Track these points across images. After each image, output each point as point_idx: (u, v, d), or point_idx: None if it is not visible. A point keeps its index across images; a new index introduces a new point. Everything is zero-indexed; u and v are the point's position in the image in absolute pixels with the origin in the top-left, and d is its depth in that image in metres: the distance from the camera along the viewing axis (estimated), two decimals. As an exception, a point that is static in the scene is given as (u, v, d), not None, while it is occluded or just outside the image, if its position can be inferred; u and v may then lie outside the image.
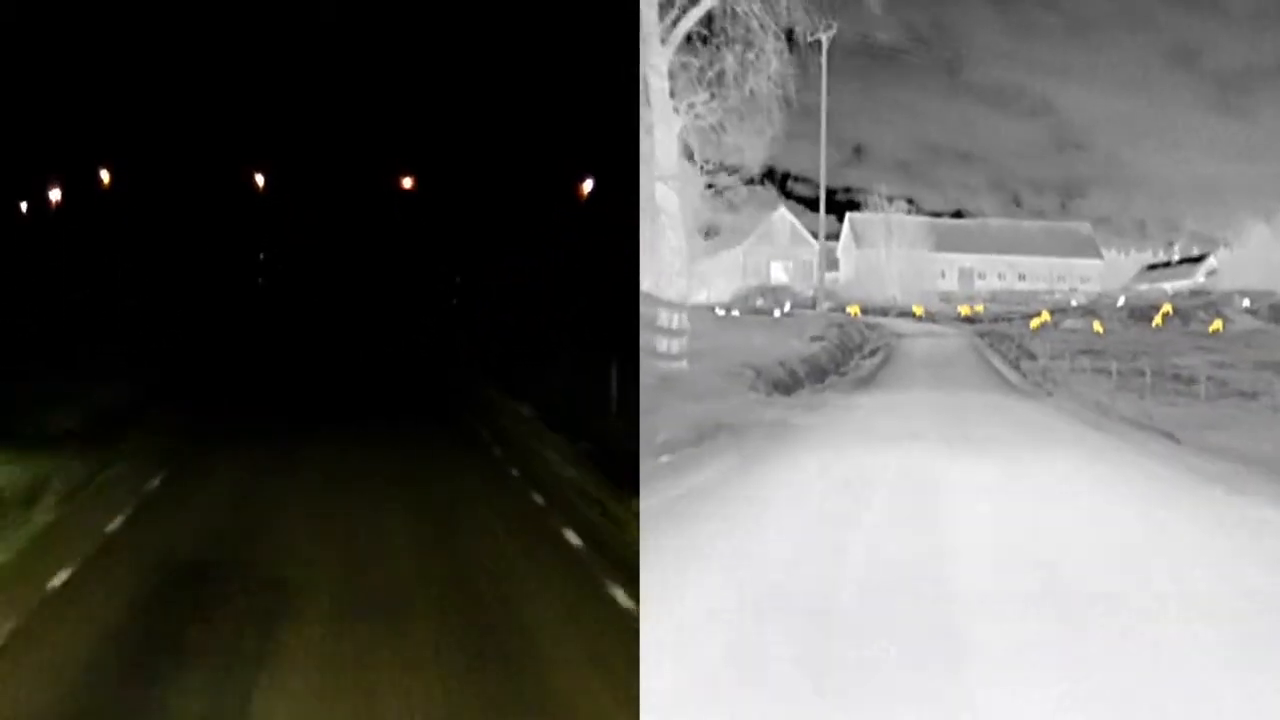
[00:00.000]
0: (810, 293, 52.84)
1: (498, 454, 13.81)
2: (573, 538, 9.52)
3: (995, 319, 40.89)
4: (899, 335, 33.52)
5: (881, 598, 6.65)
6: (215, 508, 10.61)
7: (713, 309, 46.39)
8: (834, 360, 23.48)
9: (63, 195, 33.14)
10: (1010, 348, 28.63)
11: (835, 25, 26.56)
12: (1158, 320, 33.03)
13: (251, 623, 7.05)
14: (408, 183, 35.60)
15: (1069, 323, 32.73)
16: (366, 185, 35.30)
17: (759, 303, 46.36)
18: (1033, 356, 25.36)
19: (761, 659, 5.61)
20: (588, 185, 29.06)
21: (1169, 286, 53.19)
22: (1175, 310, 34.79)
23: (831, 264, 64.30)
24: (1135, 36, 59.39)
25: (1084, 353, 24.84)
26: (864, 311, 43.30)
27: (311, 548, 9.07)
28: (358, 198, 35.39)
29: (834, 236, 68.45)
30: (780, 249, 60.44)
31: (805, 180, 64.96)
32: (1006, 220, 68.52)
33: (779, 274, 59.47)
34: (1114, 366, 21.08)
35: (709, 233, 66.72)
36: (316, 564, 8.51)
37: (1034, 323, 34.06)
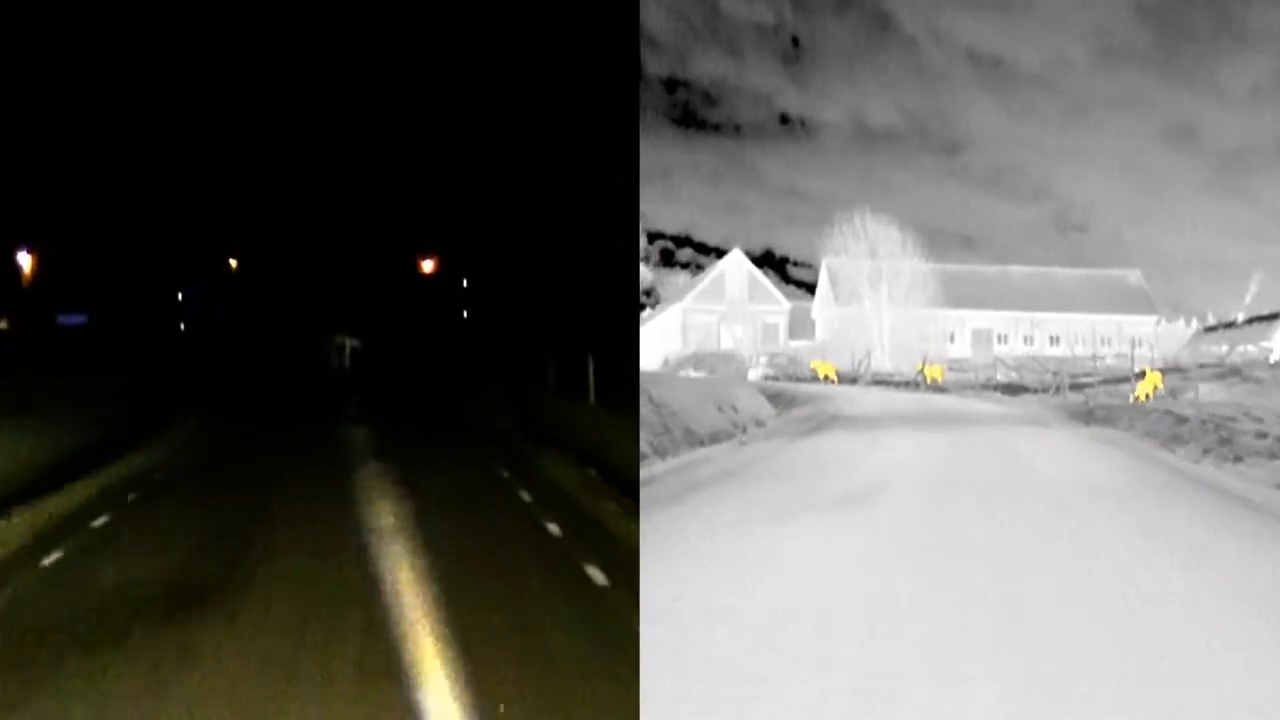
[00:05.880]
0: (763, 359, 38.43)
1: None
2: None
3: (1070, 385, 25.69)
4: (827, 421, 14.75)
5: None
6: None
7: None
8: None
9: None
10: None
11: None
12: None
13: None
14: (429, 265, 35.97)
15: (1207, 389, 18.07)
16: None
17: (692, 373, 32.61)
18: None
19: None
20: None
21: (1253, 348, 40.55)
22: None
23: (808, 328, 49.45)
24: (1134, 117, 51.88)
25: None
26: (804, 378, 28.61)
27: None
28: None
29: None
30: (735, 308, 45.68)
31: (805, 265, 53.74)
32: (1034, 267, 52.99)
33: (728, 340, 44.48)
34: None
35: (648, 296, 52.98)
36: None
37: (1140, 390, 19.25)
